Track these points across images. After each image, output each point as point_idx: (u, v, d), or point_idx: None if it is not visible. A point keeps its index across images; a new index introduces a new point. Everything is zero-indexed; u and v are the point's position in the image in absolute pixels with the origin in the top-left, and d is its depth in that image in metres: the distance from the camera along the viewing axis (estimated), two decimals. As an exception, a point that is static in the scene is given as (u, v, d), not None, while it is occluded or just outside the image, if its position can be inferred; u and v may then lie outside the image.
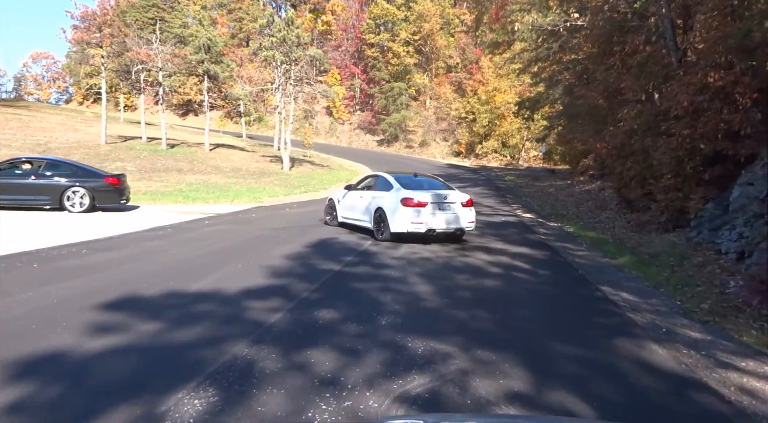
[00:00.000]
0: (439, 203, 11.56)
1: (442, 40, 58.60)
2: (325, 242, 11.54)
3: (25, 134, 33.38)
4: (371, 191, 12.93)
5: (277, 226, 13.85)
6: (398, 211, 11.50)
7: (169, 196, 20.16)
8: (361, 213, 12.99)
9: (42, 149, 29.03)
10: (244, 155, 37.66)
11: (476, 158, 52.16)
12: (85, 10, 31.69)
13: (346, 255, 10.02)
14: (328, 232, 12.85)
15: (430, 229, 11.39)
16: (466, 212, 11.90)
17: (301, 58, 30.32)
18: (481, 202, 21.29)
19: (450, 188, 12.66)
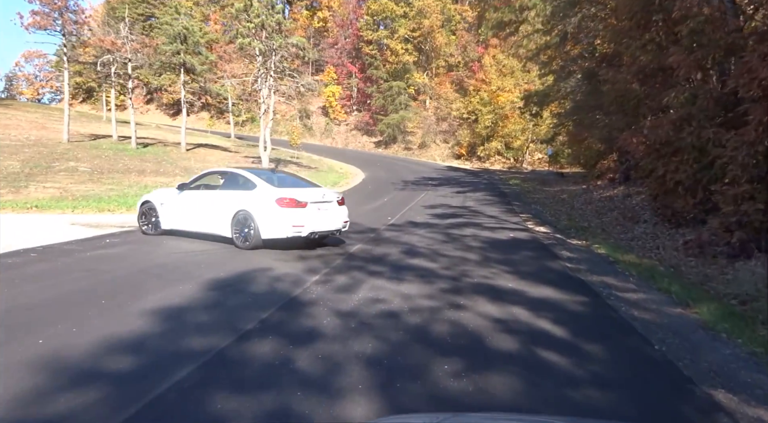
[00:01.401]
0: (318, 203, 9.99)
1: (443, 37, 54.60)
2: (245, 277, 7.51)
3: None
4: (222, 191, 10.59)
5: (196, 247, 9.85)
6: (273, 213, 9.57)
7: (105, 202, 16.20)
8: (206, 217, 10.46)
9: (-11, 147, 25.17)
10: (225, 156, 33.72)
11: (478, 160, 48.11)
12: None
13: (262, 307, 5.98)
14: (261, 260, 8.82)
15: (312, 232, 9.74)
16: (341, 211, 10.53)
17: (282, 47, 26.32)
18: (483, 211, 17.24)
19: (317, 185, 11.21)
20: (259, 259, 8.87)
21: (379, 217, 15.40)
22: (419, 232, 12.53)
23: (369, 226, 13.34)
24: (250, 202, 9.79)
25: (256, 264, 8.39)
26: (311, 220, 9.67)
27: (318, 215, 9.84)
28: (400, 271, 8.27)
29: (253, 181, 10.15)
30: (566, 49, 23.23)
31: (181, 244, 10.20)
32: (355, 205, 18.32)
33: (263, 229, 9.58)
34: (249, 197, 9.88)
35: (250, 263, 8.44)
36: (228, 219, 9.98)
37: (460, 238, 11.83)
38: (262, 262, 8.52)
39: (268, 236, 9.61)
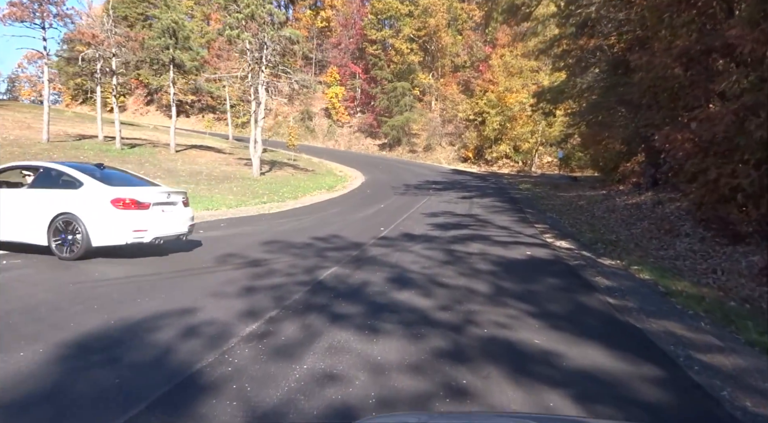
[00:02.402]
0: (162, 204, 8.52)
1: (449, 37, 52.00)
2: (141, 327, 4.96)
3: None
4: (32, 190, 8.36)
5: (112, 275, 7.34)
6: (107, 217, 7.93)
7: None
8: (9, 222, 8.19)
9: (-42, 147, 22.89)
10: (217, 157, 31.31)
11: (485, 164, 45.51)
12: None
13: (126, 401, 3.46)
14: (188, 294, 6.29)
15: (156, 237, 8.29)
16: (187, 213, 9.10)
17: (274, 40, 23.88)
18: (493, 221, 14.67)
19: (156, 184, 9.40)
20: (186, 291, 6.38)
21: (370, 227, 12.89)
22: (415, 249, 9.99)
23: (354, 240, 10.83)
24: (76, 203, 8.00)
25: (178, 301, 5.89)
26: (155, 224, 8.21)
27: (162, 218, 8.39)
28: (380, 314, 5.74)
29: (79, 179, 8.27)
30: (583, 40, 20.66)
31: (93, 270, 7.72)
32: (346, 213, 15.82)
33: (95, 235, 7.87)
34: (73, 197, 8.07)
35: (170, 300, 5.94)
36: (44, 224, 7.99)
37: (465, 258, 9.28)
38: (186, 299, 6.02)
39: (101, 243, 7.95)
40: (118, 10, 57.16)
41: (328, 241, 10.54)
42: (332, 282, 7.19)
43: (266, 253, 9.09)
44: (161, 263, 8.01)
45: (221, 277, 7.20)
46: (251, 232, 11.49)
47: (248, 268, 7.85)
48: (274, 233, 11.47)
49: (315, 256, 9.00)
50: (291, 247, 9.77)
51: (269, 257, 8.71)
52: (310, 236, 11.07)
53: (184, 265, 7.89)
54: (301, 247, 9.73)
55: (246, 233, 11.34)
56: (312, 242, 10.38)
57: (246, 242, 10.10)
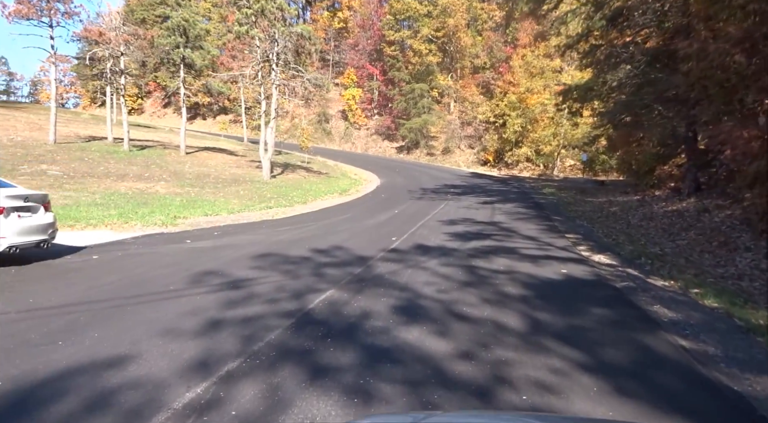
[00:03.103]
0: (20, 208, 7.37)
1: (468, 37, 50.27)
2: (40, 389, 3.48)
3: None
4: None
5: (51, 301, 5.85)
6: None
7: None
8: None
9: (-41, 148, 21.90)
10: (228, 160, 30.04)
11: (506, 167, 43.68)
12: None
13: None
14: (142, 334, 4.81)
15: (12, 245, 7.10)
16: (48, 218, 7.90)
17: (285, 36, 22.48)
18: (518, 230, 13.01)
19: (13, 185, 8.08)
20: (131, 327, 4.88)
21: (380, 237, 11.33)
22: (429, 266, 8.40)
23: (360, 252, 9.28)
24: None
25: (112, 344, 4.40)
26: (11, 230, 7.17)
27: (20, 224, 7.33)
28: (378, 367, 4.19)
29: None
30: (614, 34, 18.90)
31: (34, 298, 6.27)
32: (356, 219, 14.28)
33: None
34: None
35: (102, 341, 4.46)
36: None
37: (489, 278, 7.67)
38: (125, 340, 4.52)
39: None
40: (136, 12, 56.65)
41: (329, 255, 9.01)
42: (323, 313, 5.64)
43: (253, 270, 7.59)
44: (120, 284, 6.54)
45: (186, 305, 5.69)
46: (244, 243, 10.00)
47: (225, 291, 6.35)
48: (269, 244, 9.98)
49: (310, 274, 7.48)
50: (285, 262, 8.26)
51: (255, 276, 7.20)
52: (310, 248, 9.55)
53: (147, 287, 6.41)
54: (296, 263, 8.21)
55: (238, 244, 9.85)
56: (310, 256, 8.86)
57: (234, 256, 8.61)
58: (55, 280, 6.60)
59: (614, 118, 20.41)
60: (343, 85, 55.11)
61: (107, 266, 7.44)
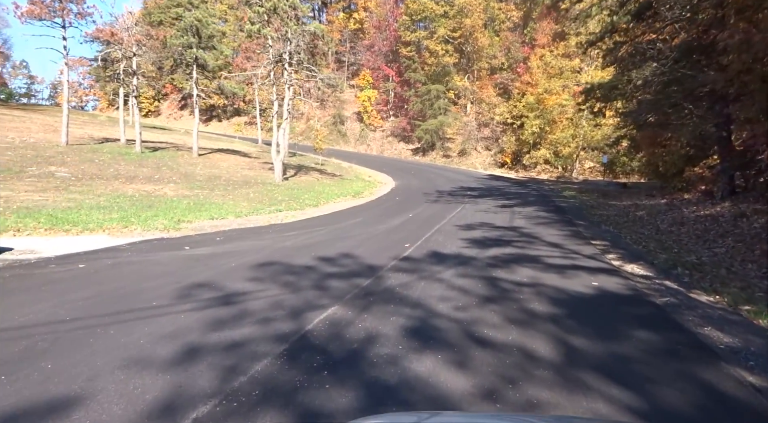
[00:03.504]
0: None
1: (486, 38, 49.26)
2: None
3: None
4: None
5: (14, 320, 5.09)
6: None
7: (34, 217, 11.81)
8: None
9: (-31, 149, 21.53)
10: (240, 161, 29.43)
11: (524, 169, 42.61)
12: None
13: None
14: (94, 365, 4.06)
15: None
16: None
17: (297, 35, 21.78)
18: (540, 235, 12.10)
19: None
20: (94, 355, 4.13)
21: (392, 243, 10.52)
22: (444, 277, 7.57)
23: (370, 261, 8.47)
24: None
25: (65, 380, 3.65)
26: None
27: None
28: (383, 411, 3.38)
29: None
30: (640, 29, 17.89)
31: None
32: (368, 224, 13.49)
33: None
34: None
35: (54, 375, 3.70)
36: None
37: (512, 292, 6.81)
38: (82, 374, 3.77)
39: None
40: (153, 15, 56.54)
41: (336, 264, 8.22)
42: (322, 336, 4.84)
43: (250, 281, 6.82)
44: (98, 299, 5.80)
45: (165, 326, 4.94)
46: (246, 250, 9.25)
47: (214, 308, 5.59)
48: (273, 251, 9.21)
49: (313, 287, 6.69)
50: (286, 272, 7.48)
51: (251, 289, 6.43)
52: (316, 256, 8.77)
53: (128, 303, 5.66)
54: (298, 273, 7.43)
55: (239, 251, 9.10)
56: (316, 265, 8.07)
57: (232, 265, 7.86)
58: (26, 293, 5.88)
59: (639, 118, 19.37)
60: (358, 86, 54.42)
61: (90, 277, 6.73)
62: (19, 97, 76.20)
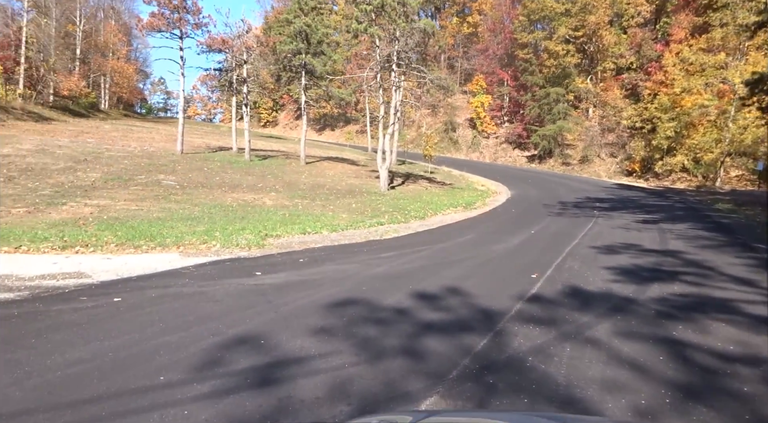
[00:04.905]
0: None
1: (611, 35, 44.57)
2: None
3: (102, 142, 26.96)
4: None
5: None
6: None
7: (120, 228, 10.72)
8: None
9: (91, 156, 21.91)
10: (348, 169, 28.05)
11: (655, 178, 37.59)
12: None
13: None
14: None
15: None
16: None
17: (406, 33, 19.83)
18: (716, 266, 8.92)
19: None
20: None
21: (513, 272, 8.03)
22: (598, 336, 4.98)
23: (484, 302, 6.09)
24: None
25: None
26: None
27: None
28: None
29: None
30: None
31: None
32: (481, 242, 11.04)
33: None
34: None
35: None
36: None
37: (721, 376, 4.10)
38: None
39: None
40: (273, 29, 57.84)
41: (437, 306, 5.94)
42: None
43: (314, 336, 4.72)
44: (90, 367, 3.97)
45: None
46: (327, 278, 7.24)
47: (242, 394, 3.53)
48: (359, 281, 7.12)
49: (402, 351, 4.45)
50: (368, 319, 5.32)
51: (311, 352, 4.32)
52: (412, 291, 6.55)
53: (126, 378, 3.76)
54: (385, 323, 5.24)
55: (318, 280, 7.10)
56: (410, 307, 5.84)
57: (301, 303, 5.85)
58: (8, 347, 4.19)
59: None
60: (471, 92, 51.70)
61: (110, 321, 4.99)
62: (156, 112, 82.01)
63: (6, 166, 18.62)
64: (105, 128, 36.26)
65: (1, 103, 34.40)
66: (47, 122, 35.28)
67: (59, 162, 20.23)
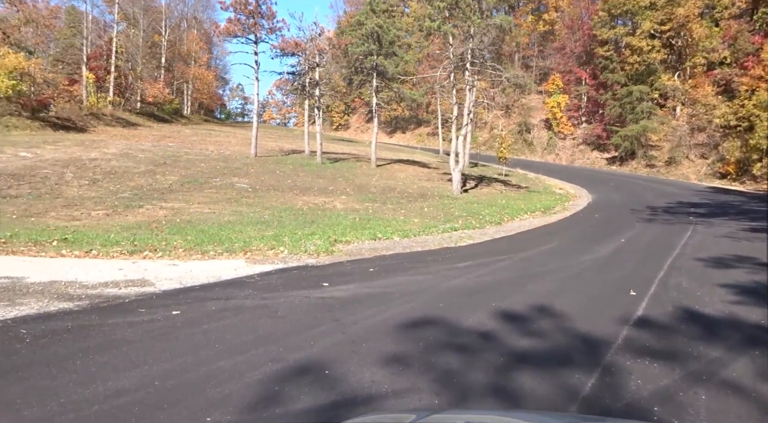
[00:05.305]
0: None
1: (702, 29, 41.36)
2: None
3: (182, 146, 27.71)
4: None
5: None
6: None
7: (192, 231, 10.55)
8: None
9: (171, 160, 22.43)
10: (419, 172, 27.34)
11: (753, 181, 34.39)
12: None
13: None
14: None
15: None
16: None
17: (482, 29, 18.89)
18: None
19: None
20: None
21: (610, 288, 7.03)
22: (738, 380, 3.97)
23: (582, 324, 5.18)
24: None
25: None
26: None
27: None
28: None
29: None
30: None
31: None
32: (566, 252, 9.99)
33: None
34: None
35: None
36: None
37: None
38: None
39: None
40: (346, 33, 58.13)
41: (527, 330, 5.09)
42: None
43: (385, 367, 4.01)
44: (126, 400, 3.47)
45: None
46: (400, 292, 6.54)
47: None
48: (435, 296, 6.37)
49: (489, 391, 3.66)
50: (447, 345, 4.56)
51: (380, 389, 3.62)
52: (495, 310, 5.73)
53: (159, 416, 3.23)
54: (466, 351, 4.46)
55: (390, 294, 6.42)
56: (494, 330, 5.03)
57: (370, 323, 5.18)
58: (49, 371, 3.77)
59: None
60: (546, 92, 49.66)
61: (163, 340, 4.51)
62: (234, 117, 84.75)
63: (92, 170, 19.28)
64: (185, 133, 37.48)
65: (93, 110, 36.29)
66: (133, 127, 36.92)
67: (140, 165, 20.79)
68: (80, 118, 33.09)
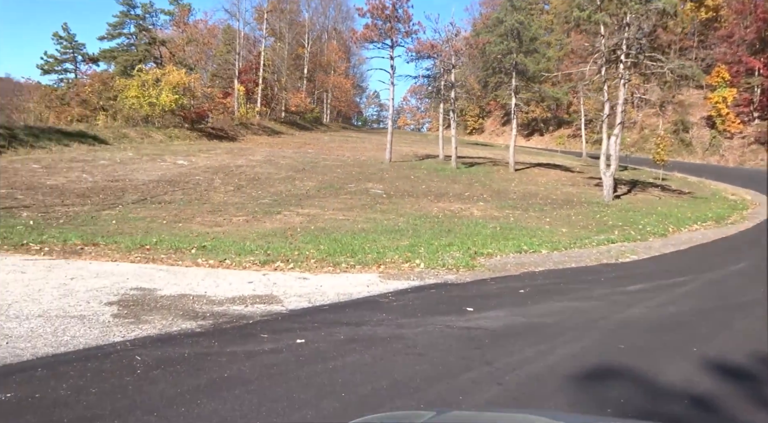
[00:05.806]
0: None
1: None
2: None
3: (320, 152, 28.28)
4: None
5: None
6: None
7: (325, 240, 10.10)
8: None
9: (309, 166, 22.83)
10: (561, 176, 25.20)
11: None
12: (375, 3, 24.38)
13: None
14: None
15: None
16: None
17: (640, 15, 16.63)
18: None
19: None
20: None
21: None
22: None
23: None
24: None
25: None
26: None
27: None
28: None
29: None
30: None
31: None
32: (762, 273, 7.95)
33: None
34: None
35: None
36: None
37: None
38: None
39: None
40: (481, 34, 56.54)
41: (760, 396, 3.64)
42: None
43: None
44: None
45: None
46: (560, 325, 5.29)
47: None
48: (611, 331, 5.04)
49: None
50: (645, 413, 3.30)
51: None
52: (701, 358, 4.28)
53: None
54: (679, 425, 3.19)
55: (548, 327, 5.21)
56: (711, 394, 3.64)
57: (532, 369, 4.04)
58: (135, 419, 3.16)
59: None
60: (709, 85, 43.99)
61: (286, 379, 3.76)
62: (371, 123, 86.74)
63: (237, 176, 20.06)
64: (324, 139, 38.56)
65: (242, 120, 38.65)
66: (277, 136, 38.74)
67: (281, 172, 21.29)
68: (231, 127, 35.32)
